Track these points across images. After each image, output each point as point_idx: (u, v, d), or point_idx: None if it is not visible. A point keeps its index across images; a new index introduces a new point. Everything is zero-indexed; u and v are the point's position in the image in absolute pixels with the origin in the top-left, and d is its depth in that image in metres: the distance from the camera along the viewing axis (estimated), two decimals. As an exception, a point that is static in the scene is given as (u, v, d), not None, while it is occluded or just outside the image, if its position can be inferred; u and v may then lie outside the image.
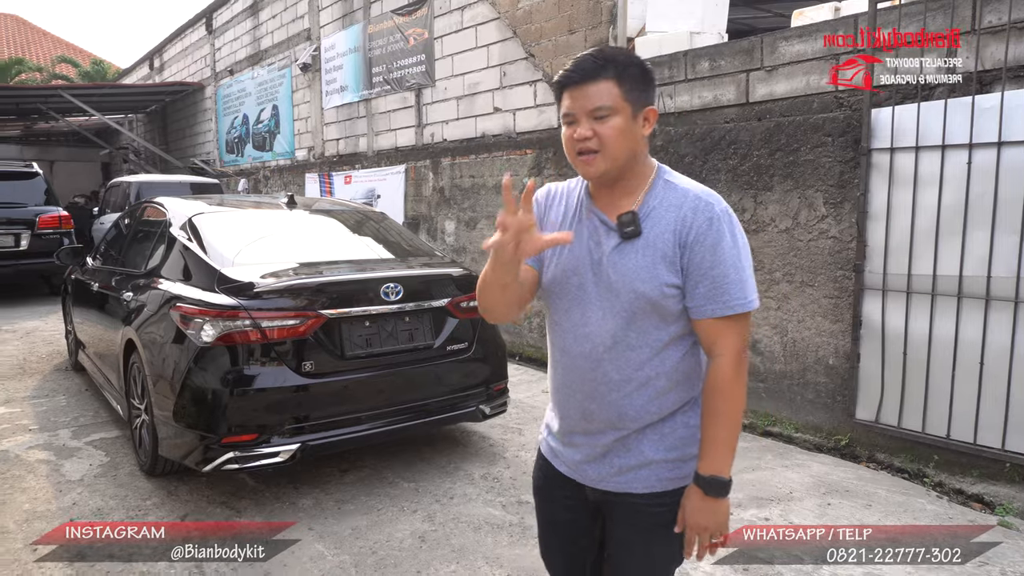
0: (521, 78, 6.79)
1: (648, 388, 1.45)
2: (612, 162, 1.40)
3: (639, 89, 1.41)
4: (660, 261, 1.40)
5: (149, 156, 17.15)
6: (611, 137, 1.39)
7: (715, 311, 1.39)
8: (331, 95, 10.03)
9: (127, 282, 4.10)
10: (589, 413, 1.49)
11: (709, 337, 1.42)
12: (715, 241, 1.37)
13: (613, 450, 1.49)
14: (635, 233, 1.41)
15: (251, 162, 12.72)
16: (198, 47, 14.77)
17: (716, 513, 1.42)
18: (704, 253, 1.38)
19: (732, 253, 1.38)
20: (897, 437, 3.98)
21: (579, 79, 1.40)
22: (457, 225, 7.74)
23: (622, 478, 1.49)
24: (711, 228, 1.38)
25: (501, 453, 4.11)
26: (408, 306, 3.48)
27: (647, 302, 1.41)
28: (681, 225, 1.40)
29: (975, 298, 3.62)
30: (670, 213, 1.41)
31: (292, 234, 3.99)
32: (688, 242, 1.39)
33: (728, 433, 1.42)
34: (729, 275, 1.38)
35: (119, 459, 3.98)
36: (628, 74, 1.40)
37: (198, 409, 3.13)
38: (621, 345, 1.43)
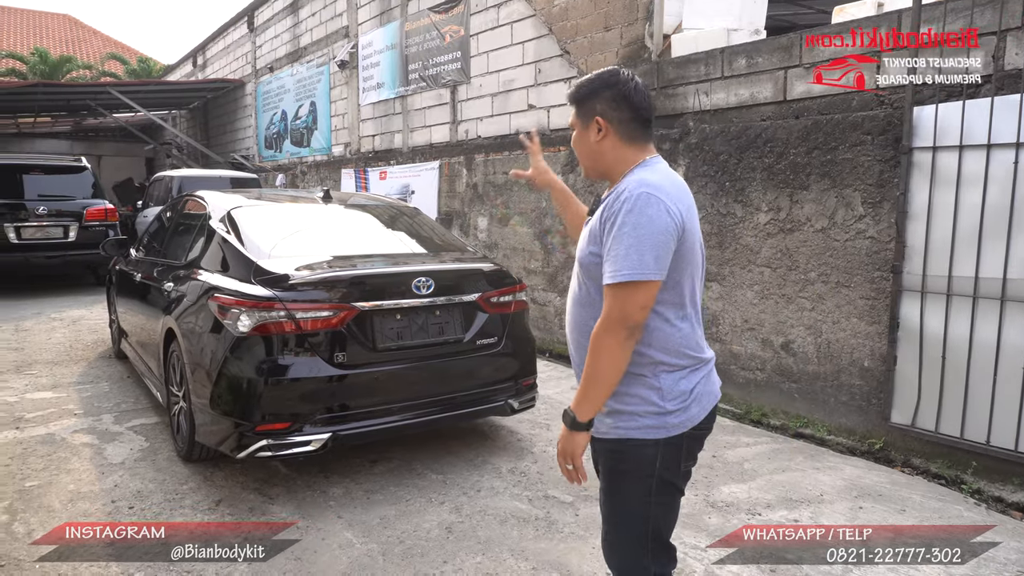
0: (556, 75, 6.79)
1: None
2: (584, 166, 1.84)
3: (581, 106, 1.78)
4: (590, 236, 1.72)
5: (191, 151, 17.57)
6: (576, 147, 1.84)
7: (604, 278, 1.64)
8: (368, 92, 10.15)
9: (168, 273, 4.22)
10: (572, 357, 1.85)
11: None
12: (617, 220, 1.61)
13: None
14: (591, 213, 1.77)
15: (289, 158, 12.94)
16: (239, 45, 15.07)
17: (567, 442, 1.69)
18: (611, 231, 1.62)
19: (625, 231, 1.59)
20: (934, 442, 3.89)
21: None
22: (490, 221, 7.77)
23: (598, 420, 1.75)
24: (620, 210, 1.61)
25: (529, 448, 4.13)
26: (439, 300, 3.52)
27: (584, 268, 1.75)
28: (606, 207, 1.67)
29: (1019, 302, 3.51)
30: (608, 198, 1.71)
31: (327, 228, 4.06)
32: (605, 221, 1.65)
33: (587, 380, 1.65)
34: (615, 248, 1.60)
35: (158, 444, 4.10)
36: (574, 97, 1.80)
37: (234, 397, 3.21)
38: (579, 304, 1.77)
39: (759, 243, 4.83)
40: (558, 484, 3.61)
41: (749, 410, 4.82)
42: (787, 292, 4.69)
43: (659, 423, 1.68)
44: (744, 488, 3.58)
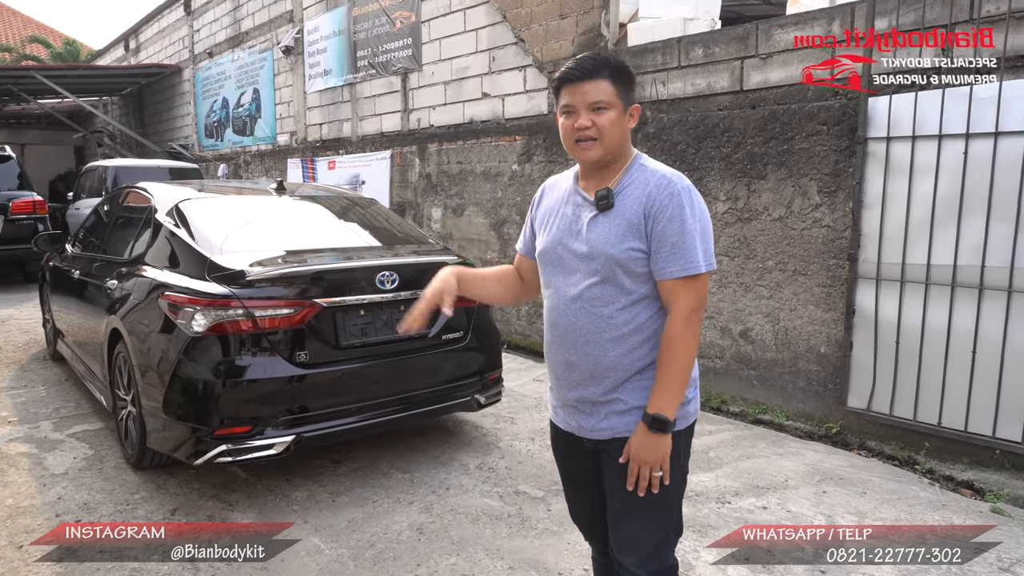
0: (511, 63, 6.70)
1: (620, 343, 1.65)
2: (606, 149, 1.65)
3: (628, 90, 1.67)
4: (627, 229, 1.63)
5: (125, 140, 16.77)
6: (607, 127, 1.64)
7: (672, 272, 1.60)
8: (314, 79, 9.85)
9: (111, 270, 3.99)
10: (571, 364, 1.71)
11: (666, 295, 1.64)
12: (674, 212, 1.60)
13: (599, 400, 1.69)
14: (608, 205, 1.65)
15: (231, 147, 12.48)
16: (176, 28, 14.42)
17: (656, 448, 1.61)
18: (665, 223, 1.60)
19: (687, 223, 1.60)
20: (888, 425, 4.01)
21: (580, 76, 1.64)
22: (444, 212, 7.65)
23: (605, 424, 1.70)
24: (672, 202, 1.60)
25: (495, 443, 4.08)
26: (403, 294, 3.41)
27: (616, 264, 1.63)
28: (647, 198, 1.62)
29: (969, 287, 3.64)
30: (639, 190, 1.65)
31: (283, 221, 3.90)
32: (652, 213, 1.61)
33: (673, 378, 1.61)
34: (683, 242, 1.59)
35: (104, 452, 3.88)
36: (620, 75, 1.66)
37: (189, 401, 3.05)
38: (597, 301, 1.66)
39: (717, 232, 4.88)
40: (527, 479, 3.57)
41: (709, 398, 4.88)
42: (745, 280, 4.76)
43: (683, 413, 1.69)
44: (712, 476, 3.62)
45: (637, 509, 1.70)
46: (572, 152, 1.70)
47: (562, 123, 1.69)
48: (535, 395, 5.05)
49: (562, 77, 1.67)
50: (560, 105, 1.69)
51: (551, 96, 6.28)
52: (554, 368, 1.79)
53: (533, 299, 2.03)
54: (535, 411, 4.67)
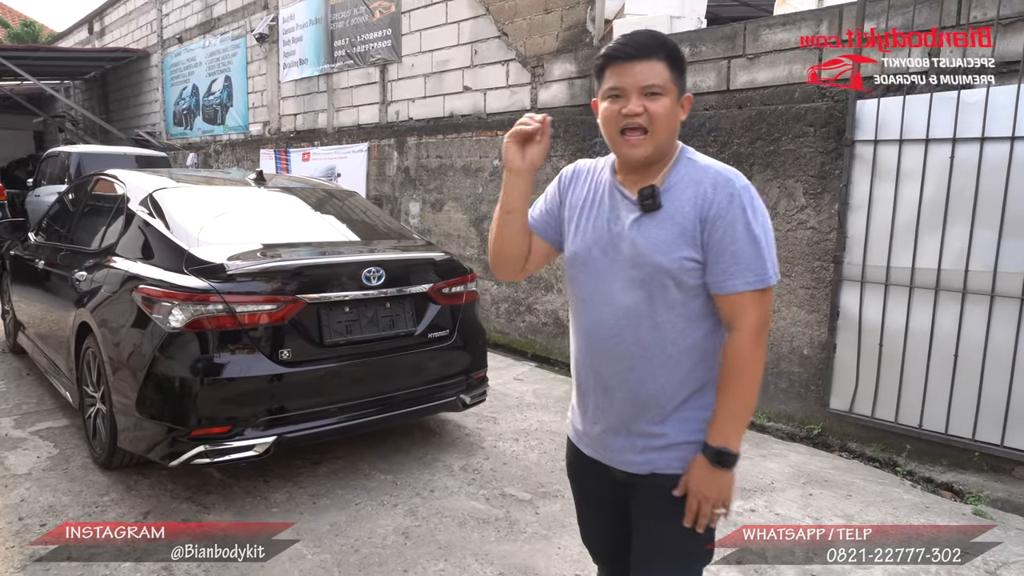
0: (493, 57, 6.61)
1: (669, 367, 1.45)
2: (656, 144, 1.42)
3: (682, 76, 1.45)
4: (680, 235, 1.41)
5: (88, 126, 16.24)
6: (661, 116, 1.41)
7: (736, 286, 1.39)
8: (289, 68, 9.62)
9: (78, 260, 3.81)
10: (609, 389, 1.50)
11: (727, 311, 1.43)
12: (735, 216, 1.38)
13: (636, 430, 1.49)
14: (654, 206, 1.42)
15: (201, 136, 12.16)
16: (143, 12, 13.99)
17: (721, 484, 1.43)
18: (725, 228, 1.38)
19: (752, 228, 1.39)
20: (870, 427, 4.04)
21: (632, 55, 1.41)
22: (422, 207, 7.54)
23: (642, 457, 1.50)
24: (731, 203, 1.39)
25: (478, 443, 4.00)
26: (389, 291, 3.32)
27: (667, 275, 1.41)
28: (702, 200, 1.41)
29: (952, 291, 3.67)
30: (690, 188, 1.43)
31: (264, 213, 3.76)
32: (709, 216, 1.39)
33: (740, 407, 1.44)
34: (749, 250, 1.39)
35: (70, 451, 3.71)
36: (676, 59, 1.44)
37: (165, 399, 2.92)
38: (645, 320, 1.44)
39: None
40: (513, 481, 3.51)
41: (692, 398, 4.86)
42: (729, 281, 4.75)
43: None
44: (698, 478, 3.59)
45: (669, 554, 1.52)
46: (615, 145, 1.45)
47: (605, 109, 1.44)
48: (516, 394, 4.99)
49: (609, 55, 1.43)
50: (604, 88, 1.45)
51: (533, 91, 6.21)
52: (586, 391, 1.56)
53: (519, 279, 1.81)
54: (517, 411, 4.61)
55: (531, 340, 6.31)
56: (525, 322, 6.37)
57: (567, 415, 1.74)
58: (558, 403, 4.80)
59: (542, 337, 6.18)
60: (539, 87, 6.16)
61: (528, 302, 6.33)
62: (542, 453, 3.88)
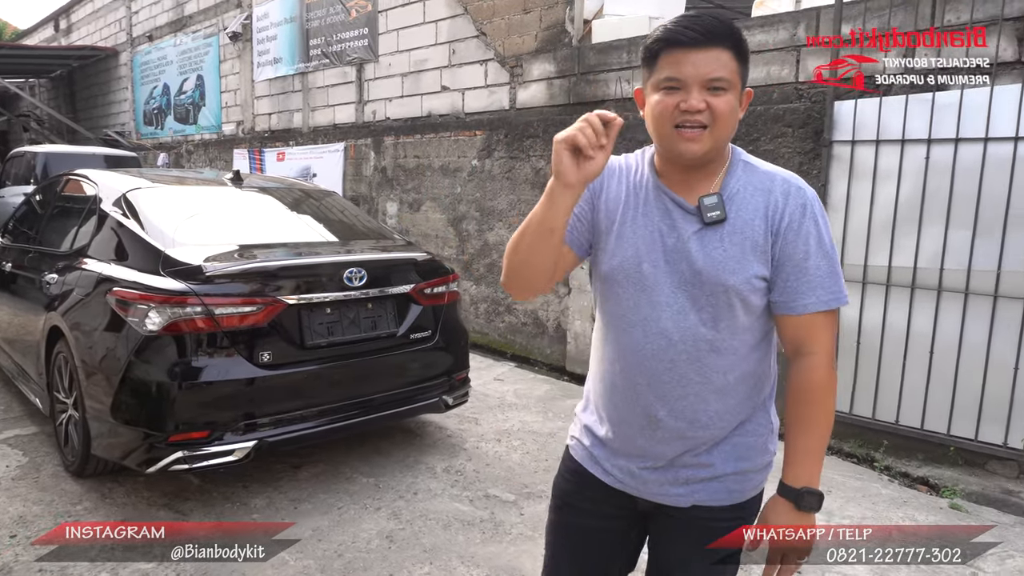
0: (471, 57, 6.58)
1: (726, 394, 1.31)
2: (716, 142, 1.24)
3: (746, 69, 1.26)
4: (750, 250, 1.26)
5: (54, 125, 15.86)
6: (725, 114, 1.22)
7: (809, 306, 1.26)
8: (263, 67, 9.49)
9: (49, 263, 3.71)
10: (656, 420, 1.32)
11: (797, 334, 1.29)
12: (810, 229, 1.26)
13: (679, 462, 1.35)
14: (721, 218, 1.25)
15: (172, 135, 11.94)
16: (112, 9, 13.70)
17: (807, 531, 1.29)
18: (798, 242, 1.25)
19: (825, 242, 1.27)
20: (848, 423, 4.08)
21: (696, 41, 1.19)
22: (400, 207, 7.48)
23: (684, 489, 1.36)
24: (805, 215, 1.26)
25: (461, 445, 3.97)
26: (371, 292, 3.28)
27: (735, 296, 1.26)
28: (772, 211, 1.26)
29: (928, 289, 3.73)
30: (757, 197, 1.27)
31: (242, 213, 3.69)
32: (781, 229, 1.26)
33: (821, 440, 1.32)
34: (823, 266, 1.26)
35: (40, 459, 3.60)
36: (742, 48, 1.24)
37: (141, 404, 2.85)
38: (704, 344, 1.28)
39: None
40: (497, 482, 3.49)
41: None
42: (709, 280, 4.78)
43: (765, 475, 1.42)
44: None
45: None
46: (667, 140, 1.26)
47: (657, 101, 1.24)
48: (497, 395, 4.97)
49: (667, 38, 1.22)
50: (657, 78, 1.24)
51: (512, 91, 6.19)
52: (625, 419, 1.37)
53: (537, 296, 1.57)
54: (499, 411, 4.59)
55: (511, 340, 6.29)
56: (504, 322, 6.35)
57: (570, 431, 1.55)
58: (539, 403, 4.79)
59: (522, 337, 6.17)
60: (518, 87, 6.15)
61: (507, 302, 6.31)
62: (525, 453, 3.86)
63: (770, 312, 1.31)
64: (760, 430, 1.37)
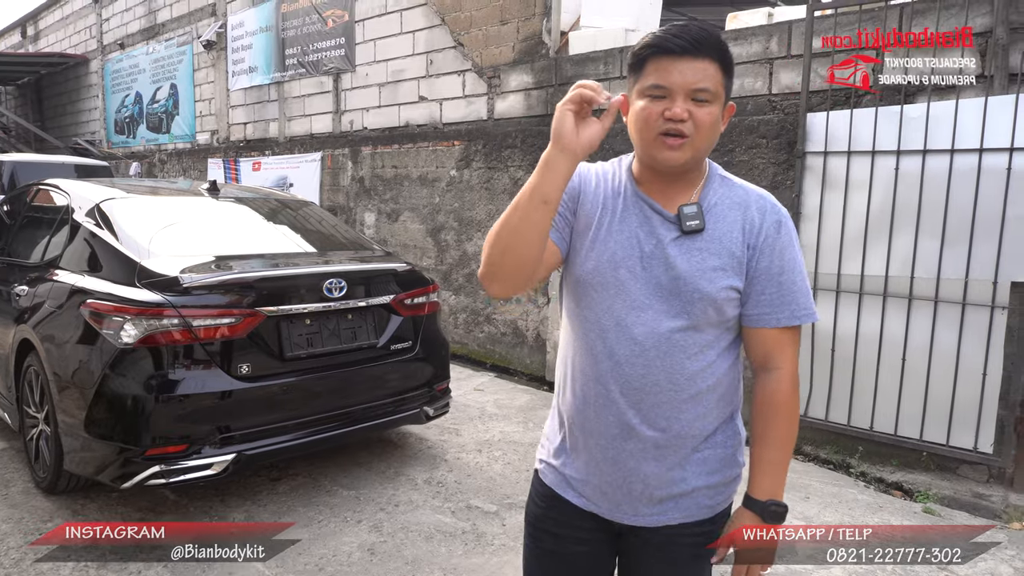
0: (449, 67, 6.60)
1: (698, 402, 1.31)
2: (696, 153, 1.26)
3: (731, 80, 1.28)
4: (728, 261, 1.28)
5: (21, 133, 15.54)
6: (707, 125, 1.23)
7: (780, 320, 1.30)
8: (238, 76, 9.42)
9: (19, 275, 3.63)
10: (630, 428, 1.31)
11: (766, 348, 1.32)
12: (785, 245, 1.30)
13: (653, 479, 1.33)
14: (700, 227, 1.28)
15: (145, 144, 11.78)
16: (81, 16, 13.51)
17: (773, 543, 1.31)
18: (774, 257, 1.29)
19: (798, 259, 1.32)
20: (824, 430, 4.15)
21: (683, 49, 1.21)
22: (378, 217, 7.46)
23: (659, 507, 1.35)
24: (780, 231, 1.30)
25: (441, 456, 3.96)
26: (351, 303, 3.26)
27: (710, 304, 1.27)
28: (749, 226, 1.29)
29: (899, 297, 3.81)
30: (734, 211, 1.30)
31: (218, 224, 3.65)
32: (758, 244, 1.29)
33: (784, 453, 1.35)
34: (796, 282, 1.30)
35: (9, 475, 3.51)
36: (728, 61, 1.26)
37: (116, 418, 2.79)
38: (677, 350, 1.28)
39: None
40: (478, 493, 3.48)
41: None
42: (686, 289, 4.83)
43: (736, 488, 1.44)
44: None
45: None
46: (648, 148, 1.27)
47: (642, 108, 1.24)
48: (477, 405, 4.96)
49: (656, 45, 1.23)
50: (643, 84, 1.25)
51: (490, 102, 6.22)
52: (590, 432, 1.36)
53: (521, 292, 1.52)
54: (479, 422, 4.58)
55: (490, 350, 6.29)
56: (484, 332, 6.35)
57: (538, 455, 1.52)
58: (520, 413, 4.79)
59: (501, 347, 6.17)
60: (496, 97, 6.18)
61: (487, 312, 6.32)
62: (506, 464, 3.86)
63: (739, 325, 1.34)
64: (729, 441, 1.38)
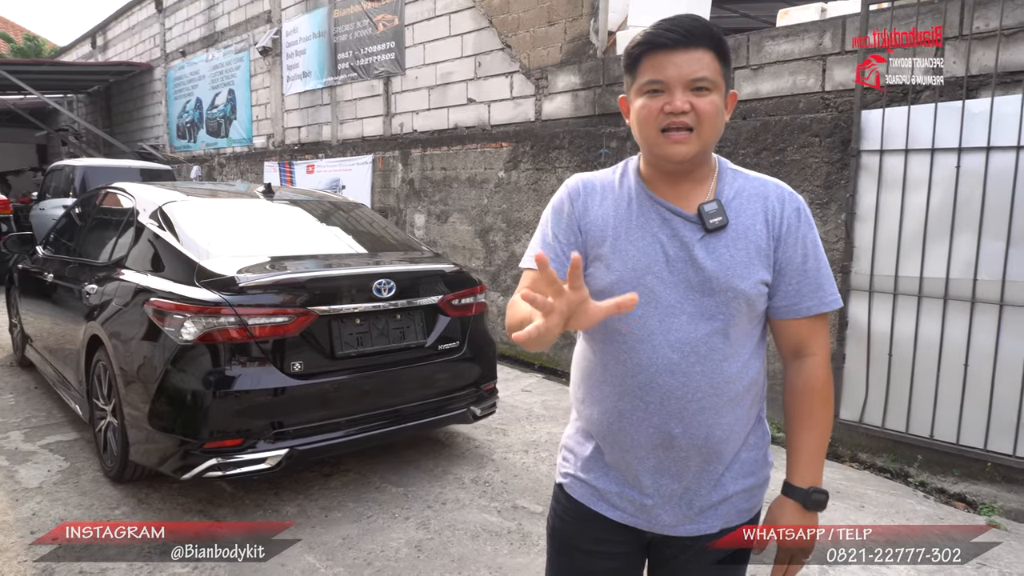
0: (497, 69, 6.65)
1: (736, 404, 1.28)
2: (703, 144, 1.23)
3: (729, 69, 1.26)
4: (755, 254, 1.26)
5: (91, 139, 16.31)
6: (710, 114, 1.20)
7: (810, 308, 1.29)
8: (293, 81, 9.68)
9: (88, 274, 3.82)
10: (671, 440, 1.27)
11: (799, 337, 1.32)
12: (806, 233, 1.29)
13: (694, 487, 1.30)
14: (723, 224, 1.25)
15: (204, 148, 12.21)
16: (146, 26, 14.09)
17: (815, 531, 1.29)
18: (797, 246, 1.28)
19: (819, 246, 1.31)
20: (880, 437, 4.03)
21: (676, 42, 1.19)
22: (427, 218, 7.56)
23: (700, 516, 1.31)
24: (800, 220, 1.29)
25: (488, 455, 3.99)
26: (400, 303, 3.33)
27: (744, 301, 1.25)
28: (771, 216, 1.28)
29: (961, 301, 3.67)
30: (754, 203, 1.28)
31: (273, 225, 3.77)
32: (781, 235, 1.28)
33: (823, 440, 1.34)
34: (821, 269, 1.30)
35: (80, 464, 3.70)
36: (723, 49, 1.24)
37: (177, 412, 2.92)
38: (716, 354, 1.25)
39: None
40: (524, 493, 3.50)
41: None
42: (736, 291, 4.75)
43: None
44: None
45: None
46: (653, 146, 1.24)
47: (641, 106, 1.23)
48: (525, 406, 4.98)
49: (647, 41, 1.21)
50: (640, 82, 1.23)
51: (538, 103, 6.24)
52: (637, 445, 1.30)
53: None
54: (526, 423, 4.60)
55: (538, 352, 6.30)
56: (531, 333, 6.36)
57: (561, 469, 1.46)
58: (567, 415, 4.76)
59: (549, 348, 6.17)
60: (543, 99, 6.20)
61: (534, 313, 6.32)
62: (552, 465, 3.87)
63: (765, 320, 1.34)
64: (759, 442, 1.37)
